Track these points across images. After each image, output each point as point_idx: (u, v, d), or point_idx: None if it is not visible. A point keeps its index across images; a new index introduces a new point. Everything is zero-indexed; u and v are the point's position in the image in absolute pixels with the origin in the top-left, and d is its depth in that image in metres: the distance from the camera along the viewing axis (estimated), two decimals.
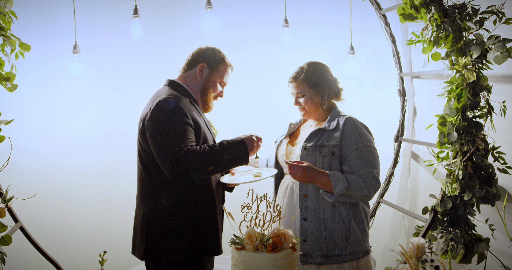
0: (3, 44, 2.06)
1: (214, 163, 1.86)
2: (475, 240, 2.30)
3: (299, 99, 2.16)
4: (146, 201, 1.96)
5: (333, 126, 2.08)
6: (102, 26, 3.10)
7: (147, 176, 1.97)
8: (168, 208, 1.92)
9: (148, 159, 1.95)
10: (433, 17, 2.21)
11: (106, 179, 3.18)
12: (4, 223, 2.10)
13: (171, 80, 2.08)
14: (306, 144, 2.08)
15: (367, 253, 2.12)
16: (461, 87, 2.21)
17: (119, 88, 3.25)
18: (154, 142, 1.86)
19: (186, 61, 2.09)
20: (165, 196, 1.93)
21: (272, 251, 1.56)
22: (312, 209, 2.05)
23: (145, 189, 1.98)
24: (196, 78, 2.06)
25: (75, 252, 2.89)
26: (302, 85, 2.13)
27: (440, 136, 2.30)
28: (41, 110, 2.75)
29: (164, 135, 1.83)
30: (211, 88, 2.07)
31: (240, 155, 1.93)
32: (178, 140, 1.82)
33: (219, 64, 2.07)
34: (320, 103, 2.14)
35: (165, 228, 1.92)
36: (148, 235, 1.93)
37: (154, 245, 1.93)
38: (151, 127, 1.88)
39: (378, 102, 2.99)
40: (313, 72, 2.12)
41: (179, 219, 1.92)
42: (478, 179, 2.22)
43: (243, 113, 3.39)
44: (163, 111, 1.87)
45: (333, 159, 2.04)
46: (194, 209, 1.94)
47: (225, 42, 3.40)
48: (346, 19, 2.84)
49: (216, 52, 2.09)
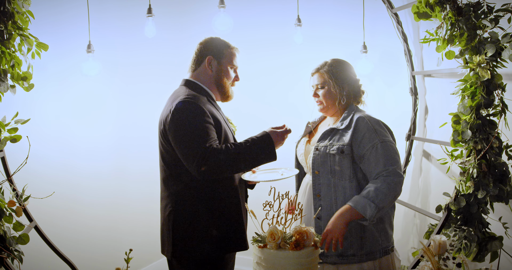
0: (21, 43, 2.06)
1: (242, 161, 1.86)
2: (488, 238, 2.30)
3: (318, 91, 2.15)
4: (171, 201, 1.97)
5: (345, 125, 2.07)
6: (115, 23, 3.09)
7: (171, 176, 1.97)
8: (193, 206, 1.93)
9: (171, 160, 1.95)
10: (448, 15, 2.22)
11: (119, 182, 3.18)
12: (21, 222, 2.11)
13: (187, 80, 2.08)
14: (319, 144, 2.09)
15: (387, 253, 2.07)
16: (475, 85, 2.21)
17: (133, 90, 3.25)
18: (178, 144, 1.87)
19: (192, 60, 2.09)
20: (189, 195, 1.93)
21: (294, 249, 1.56)
22: (326, 208, 2.05)
23: (170, 189, 1.98)
24: (207, 72, 2.05)
25: (88, 252, 2.90)
26: (324, 75, 2.13)
27: (454, 134, 2.30)
28: (53, 111, 2.75)
29: (187, 136, 1.83)
30: (225, 76, 2.06)
31: (267, 151, 1.91)
32: (202, 140, 1.82)
33: (224, 50, 2.06)
34: (338, 98, 2.12)
35: (191, 226, 1.92)
36: (175, 234, 1.93)
37: (181, 244, 1.93)
38: (173, 129, 1.88)
39: (390, 101, 2.99)
40: (336, 65, 2.14)
41: (205, 216, 1.93)
42: (492, 177, 2.22)
43: (256, 112, 3.40)
44: (183, 112, 1.87)
45: (342, 157, 2.03)
46: (219, 205, 1.95)
47: (237, 41, 3.41)
48: (358, 20, 2.85)
49: (216, 40, 2.08)
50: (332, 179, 2.05)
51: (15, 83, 2.10)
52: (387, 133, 2.05)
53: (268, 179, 2.01)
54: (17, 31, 2.00)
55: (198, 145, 1.81)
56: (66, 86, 2.81)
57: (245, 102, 3.31)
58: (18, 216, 2.09)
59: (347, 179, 2.03)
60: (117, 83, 3.15)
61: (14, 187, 2.17)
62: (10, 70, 2.04)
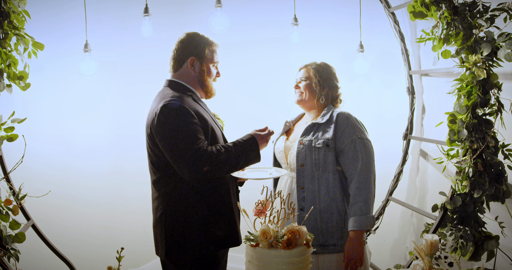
0: (17, 43, 2.07)
1: (230, 163, 1.88)
2: (484, 238, 2.30)
3: (300, 84, 2.27)
4: (162, 202, 1.97)
5: (325, 119, 2.18)
6: (113, 23, 3.10)
7: (161, 178, 1.97)
8: (185, 205, 1.93)
9: (160, 162, 1.95)
10: (443, 14, 2.21)
11: (116, 181, 3.19)
12: (17, 221, 2.12)
13: (170, 80, 2.06)
14: (302, 139, 2.18)
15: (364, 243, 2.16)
16: (471, 84, 2.21)
17: (129, 88, 3.25)
18: (167, 148, 1.86)
19: (173, 59, 2.06)
20: (180, 194, 1.94)
21: (286, 248, 1.57)
22: (309, 200, 2.14)
23: (160, 191, 1.99)
24: (190, 73, 2.04)
25: (84, 251, 2.91)
26: (310, 71, 2.26)
27: (450, 134, 2.30)
28: (50, 110, 2.76)
29: (175, 140, 1.83)
30: (207, 75, 2.05)
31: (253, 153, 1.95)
32: (190, 142, 1.82)
33: (205, 49, 2.04)
34: (317, 96, 2.23)
35: (184, 226, 1.93)
36: (168, 235, 1.94)
37: (175, 244, 1.94)
38: (160, 132, 1.87)
39: (387, 100, 2.99)
40: (324, 67, 2.28)
41: (197, 214, 1.93)
42: (488, 177, 2.22)
43: (254, 112, 3.39)
44: (169, 114, 1.85)
45: (327, 151, 2.14)
46: (210, 202, 1.96)
47: (234, 41, 3.41)
48: (355, 20, 2.85)
49: (197, 38, 2.05)
50: (316, 172, 2.15)
51: (11, 83, 2.11)
52: (365, 130, 2.19)
53: (256, 177, 2.08)
54: (13, 30, 2.01)
55: (186, 149, 1.81)
56: (64, 86, 2.81)
57: (242, 102, 3.33)
58: (15, 214, 2.10)
59: (330, 171, 2.14)
60: (114, 83, 3.16)
61: (10, 185, 2.19)
62: (6, 69, 2.05)
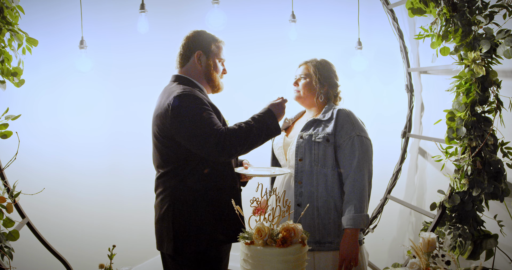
0: (11, 39, 2.05)
1: (252, 138, 1.89)
2: (483, 236, 2.28)
3: (299, 81, 2.25)
4: (168, 196, 1.97)
5: (327, 117, 2.17)
6: (109, 23, 3.09)
7: (169, 171, 1.97)
8: (192, 199, 1.93)
9: (171, 154, 1.95)
10: (442, 11, 2.19)
11: (113, 178, 3.18)
12: (11, 219, 2.10)
13: (178, 75, 2.07)
14: (302, 133, 2.17)
15: (360, 243, 2.14)
16: (470, 82, 2.19)
17: (126, 86, 3.25)
18: (188, 135, 1.87)
19: (180, 55, 2.09)
20: (187, 188, 1.94)
21: (281, 246, 1.55)
22: (306, 196, 2.12)
23: (165, 184, 1.98)
24: (197, 67, 2.06)
25: (80, 249, 2.89)
26: (310, 68, 2.24)
27: (448, 131, 2.28)
28: (47, 107, 2.74)
29: (196, 124, 1.85)
30: (214, 69, 2.08)
31: (272, 125, 1.95)
32: (211, 123, 1.85)
33: (212, 44, 2.07)
34: (316, 94, 2.22)
35: (193, 219, 1.92)
36: (175, 228, 1.93)
37: (183, 238, 1.93)
38: (177, 123, 1.88)
39: (386, 98, 2.98)
40: (324, 64, 2.25)
41: (205, 207, 1.93)
42: (487, 175, 2.20)
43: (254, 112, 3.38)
44: (184, 104, 1.87)
45: (327, 145, 2.12)
46: (218, 195, 1.96)
47: (232, 41, 3.40)
48: (354, 18, 2.84)
49: (203, 34, 2.09)
50: (315, 167, 2.13)
51: (5, 79, 2.09)
52: (365, 129, 2.17)
53: (260, 173, 2.07)
54: (6, 26, 1.99)
55: (209, 129, 1.83)
56: (61, 83, 2.80)
57: (244, 100, 3.31)
58: (9, 212, 2.08)
59: (329, 167, 2.12)
60: (111, 80, 3.14)
61: (4, 182, 2.17)
62: (0, 65, 2.03)
